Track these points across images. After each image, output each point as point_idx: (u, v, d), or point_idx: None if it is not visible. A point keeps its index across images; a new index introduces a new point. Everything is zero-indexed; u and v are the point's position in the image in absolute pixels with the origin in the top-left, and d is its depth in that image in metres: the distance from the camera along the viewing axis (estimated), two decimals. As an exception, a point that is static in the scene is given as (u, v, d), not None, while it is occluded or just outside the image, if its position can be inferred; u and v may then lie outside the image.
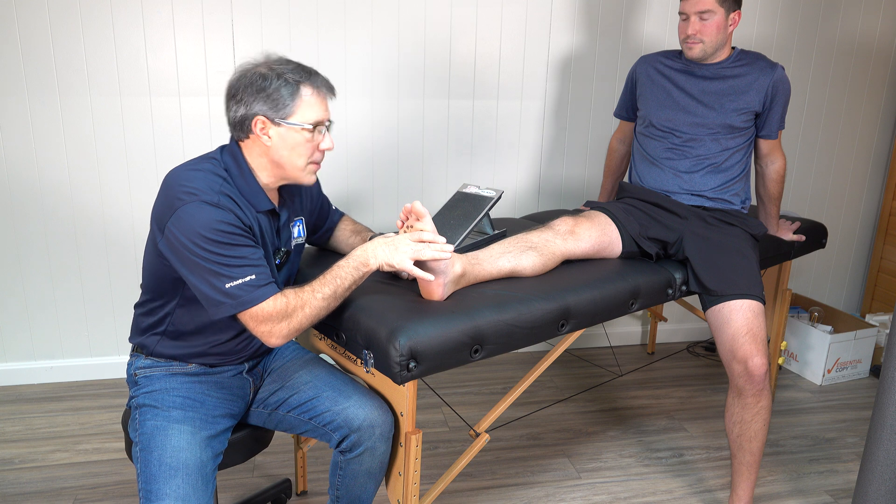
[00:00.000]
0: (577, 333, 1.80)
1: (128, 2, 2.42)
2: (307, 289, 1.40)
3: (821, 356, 2.86)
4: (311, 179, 1.48)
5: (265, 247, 1.46)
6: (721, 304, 1.85)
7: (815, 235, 2.46)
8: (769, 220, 2.23)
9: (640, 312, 3.19)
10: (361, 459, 1.49)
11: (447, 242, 1.70)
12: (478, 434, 1.68)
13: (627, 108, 2.28)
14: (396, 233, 1.55)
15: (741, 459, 1.92)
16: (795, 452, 2.37)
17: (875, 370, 2.99)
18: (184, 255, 1.32)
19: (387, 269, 1.46)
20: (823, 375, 2.87)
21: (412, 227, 1.50)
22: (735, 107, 2.01)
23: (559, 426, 2.49)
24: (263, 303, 1.34)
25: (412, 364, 1.38)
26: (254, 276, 1.34)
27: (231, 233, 1.32)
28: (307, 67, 1.42)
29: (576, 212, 2.30)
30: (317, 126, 1.42)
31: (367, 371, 1.47)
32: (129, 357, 1.55)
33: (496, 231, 1.87)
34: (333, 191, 2.74)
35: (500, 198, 2.11)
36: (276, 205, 1.50)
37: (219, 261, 1.31)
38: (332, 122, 1.49)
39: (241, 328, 1.49)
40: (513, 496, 2.09)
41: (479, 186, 1.88)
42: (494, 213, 2.90)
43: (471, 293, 1.58)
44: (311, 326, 1.45)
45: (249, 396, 1.59)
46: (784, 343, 2.58)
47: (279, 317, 1.36)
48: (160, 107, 2.53)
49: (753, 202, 2.88)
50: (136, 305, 1.52)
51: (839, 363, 2.88)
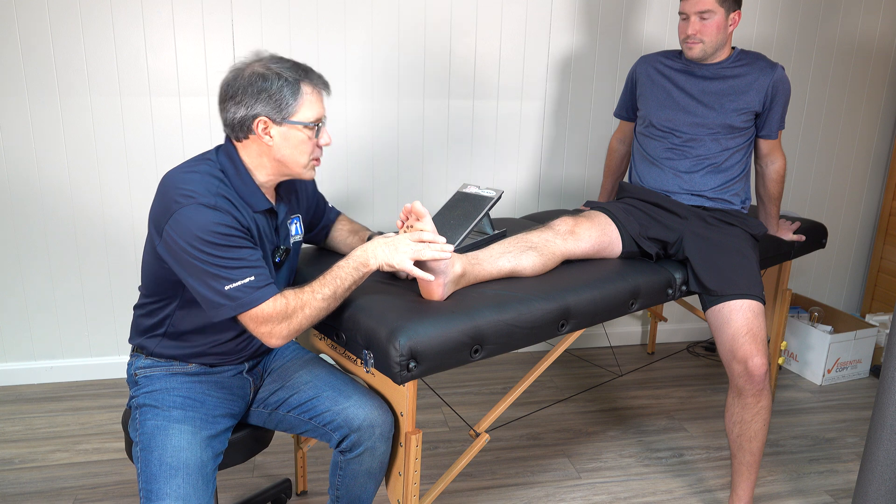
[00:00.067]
0: (577, 333, 1.80)
1: (128, 2, 2.42)
2: (307, 289, 1.40)
3: (821, 356, 2.86)
4: (312, 175, 1.48)
5: (263, 247, 1.46)
6: (721, 304, 1.85)
7: (815, 235, 2.46)
8: (769, 220, 2.23)
9: (640, 312, 3.19)
10: (361, 459, 1.50)
11: (447, 242, 1.70)
12: (478, 434, 1.68)
13: (627, 108, 2.28)
14: (396, 233, 1.55)
15: (741, 459, 1.92)
16: (795, 452, 2.37)
17: (875, 370, 2.99)
18: (182, 258, 1.32)
19: (387, 270, 1.46)
20: (823, 375, 2.87)
21: (412, 227, 1.50)
22: (735, 107, 2.01)
23: (559, 426, 2.49)
24: (263, 304, 1.34)
25: (412, 364, 1.38)
26: (253, 278, 1.34)
27: (229, 234, 1.32)
28: (301, 64, 1.42)
29: (576, 212, 2.30)
30: (316, 123, 1.43)
31: (367, 371, 1.47)
32: (130, 357, 1.55)
33: (496, 231, 1.87)
34: (333, 190, 2.74)
35: (500, 198, 2.11)
36: (273, 203, 1.50)
37: (217, 263, 1.31)
38: (326, 118, 1.50)
39: (242, 328, 1.50)
40: (513, 496, 2.09)
41: (479, 186, 1.88)
42: (494, 213, 2.90)
43: (471, 293, 1.58)
44: (311, 326, 1.45)
45: (250, 396, 1.59)
46: (784, 343, 2.58)
47: (279, 318, 1.36)
48: (160, 107, 2.54)
49: (753, 202, 2.87)
50: (136, 307, 1.52)
51: (839, 363, 2.88)
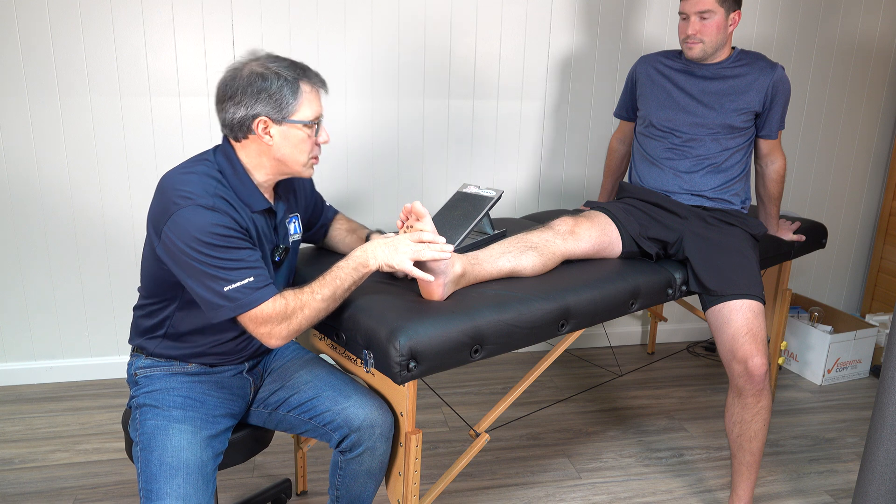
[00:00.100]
0: (577, 333, 1.80)
1: (128, 2, 2.42)
2: (306, 290, 1.40)
3: (821, 356, 2.86)
4: (311, 173, 1.49)
5: (262, 247, 1.46)
6: (721, 304, 1.85)
7: (815, 235, 2.46)
8: (769, 220, 2.23)
9: (640, 312, 3.19)
10: (361, 459, 1.50)
11: (447, 242, 1.70)
12: (478, 434, 1.68)
13: (627, 108, 2.28)
14: (396, 233, 1.55)
15: (741, 459, 1.92)
16: (795, 452, 2.37)
17: (875, 370, 2.99)
18: (181, 260, 1.32)
19: (386, 270, 1.46)
20: (823, 375, 2.87)
21: (412, 228, 1.50)
22: (735, 107, 2.01)
23: (559, 426, 2.49)
24: (262, 305, 1.34)
25: (412, 364, 1.38)
26: (252, 279, 1.34)
27: (228, 236, 1.32)
28: (298, 63, 1.42)
29: (576, 212, 2.30)
30: (315, 121, 1.43)
31: (367, 371, 1.47)
32: (130, 357, 1.55)
33: (496, 231, 1.87)
34: (333, 190, 2.74)
35: (500, 198, 2.11)
36: (272, 203, 1.50)
37: (216, 264, 1.31)
38: (323, 116, 1.50)
39: (242, 329, 1.50)
40: (513, 496, 2.09)
41: (479, 186, 1.88)
42: (494, 213, 2.90)
43: (471, 293, 1.58)
44: (311, 327, 1.45)
45: (250, 396, 1.59)
46: (784, 343, 2.58)
47: (278, 318, 1.36)
48: (160, 107, 2.54)
49: (753, 202, 2.87)
50: (135, 308, 1.52)
51: (839, 363, 2.88)
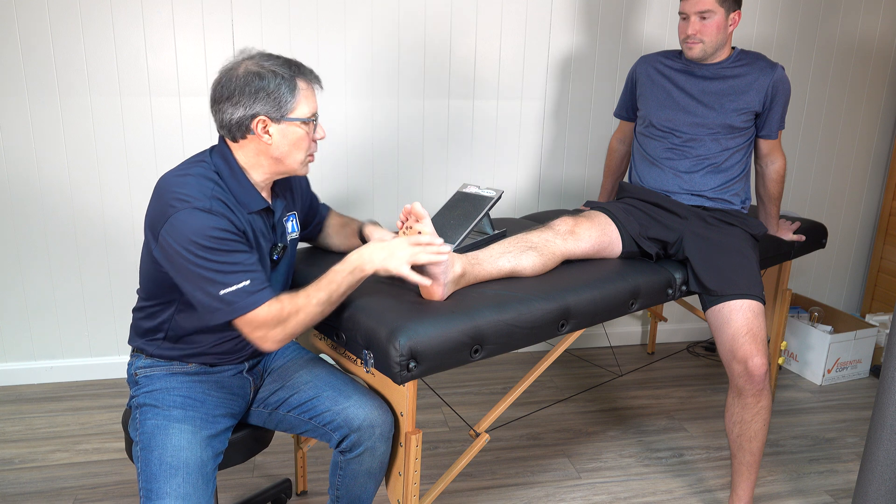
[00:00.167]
0: (577, 333, 1.80)
1: (128, 2, 2.42)
2: (302, 294, 1.39)
3: (821, 356, 2.86)
4: (307, 171, 1.49)
5: (259, 248, 1.46)
6: (721, 304, 1.85)
7: (815, 235, 2.46)
8: (769, 220, 2.23)
9: (640, 312, 3.19)
10: (361, 459, 1.50)
11: (447, 242, 1.70)
12: (478, 434, 1.68)
13: (627, 108, 2.28)
14: (396, 233, 1.55)
15: (741, 459, 1.92)
16: (795, 452, 2.37)
17: (875, 370, 2.99)
18: (178, 263, 1.32)
19: (383, 274, 1.45)
20: (823, 375, 2.87)
21: (411, 228, 1.50)
22: (735, 107, 2.01)
23: (559, 426, 2.49)
24: (258, 309, 1.34)
25: (412, 364, 1.38)
26: (248, 282, 1.33)
27: (225, 238, 1.32)
28: (292, 60, 1.42)
29: (576, 212, 2.30)
30: (312, 118, 1.43)
31: (367, 371, 1.47)
32: (130, 357, 1.55)
33: (496, 231, 1.87)
34: (333, 190, 2.74)
35: (500, 198, 2.11)
36: (270, 202, 1.50)
37: (213, 267, 1.31)
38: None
39: (242, 329, 1.50)
40: (513, 496, 2.09)
41: (479, 186, 1.88)
42: (494, 213, 2.90)
43: (471, 293, 1.58)
44: (307, 330, 1.45)
45: (250, 396, 1.59)
46: (784, 343, 2.58)
47: (273, 322, 1.36)
48: (160, 107, 2.54)
49: (753, 202, 2.87)
50: (135, 310, 1.52)
51: (839, 363, 2.88)
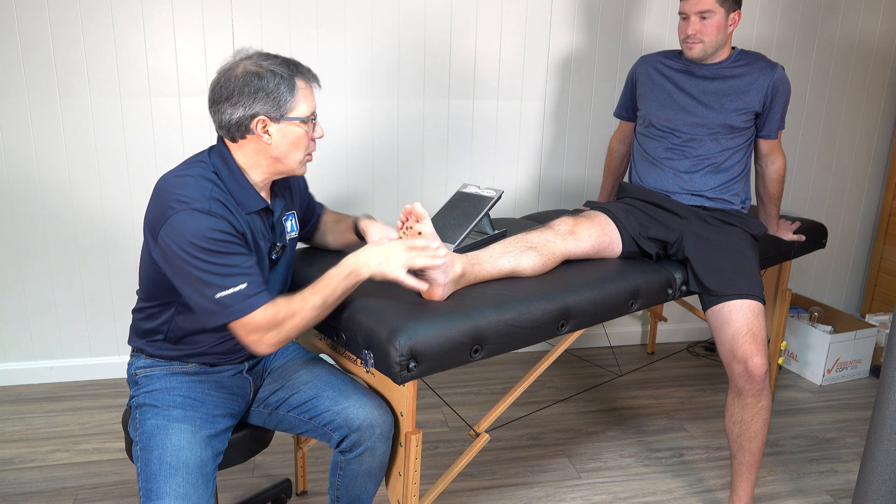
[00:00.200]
0: (577, 333, 1.80)
1: (128, 2, 2.42)
2: (297, 298, 1.39)
3: (821, 356, 2.86)
4: (305, 170, 1.49)
5: (258, 248, 1.46)
6: (721, 304, 1.85)
7: (815, 235, 2.46)
8: (769, 220, 2.23)
9: (640, 312, 3.19)
10: (361, 459, 1.50)
11: (447, 242, 1.70)
12: (478, 434, 1.68)
13: (627, 108, 2.28)
14: (400, 235, 1.55)
15: (741, 459, 1.92)
16: (795, 452, 2.37)
17: (875, 370, 2.99)
18: (176, 264, 1.32)
19: (378, 279, 1.45)
20: (823, 375, 2.87)
21: (412, 229, 1.50)
22: (735, 107, 2.01)
23: (559, 426, 2.49)
24: (253, 312, 1.34)
25: (412, 364, 1.38)
26: (245, 286, 1.33)
27: (223, 241, 1.32)
28: (290, 59, 1.42)
29: (576, 212, 2.30)
30: (311, 117, 1.43)
31: (367, 371, 1.47)
32: (130, 357, 1.55)
33: (496, 231, 1.87)
34: (333, 190, 2.74)
35: (500, 198, 2.11)
36: (269, 202, 1.50)
37: (210, 269, 1.31)
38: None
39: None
40: (513, 496, 2.09)
41: (479, 186, 1.88)
42: (494, 213, 2.90)
43: (471, 293, 1.58)
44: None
45: (249, 396, 1.59)
46: (784, 343, 2.58)
47: (268, 326, 1.36)
48: (160, 107, 2.54)
49: (753, 202, 2.87)
50: (135, 311, 1.52)
51: (839, 363, 2.88)
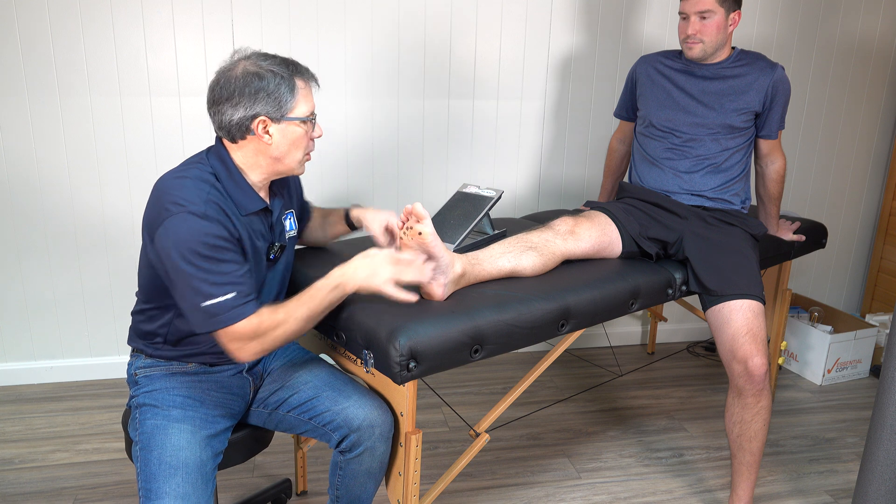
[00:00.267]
0: (577, 333, 1.80)
1: (128, 2, 2.42)
2: (282, 309, 1.38)
3: (821, 356, 2.86)
4: (304, 170, 1.49)
5: (256, 248, 1.45)
6: (721, 304, 1.85)
7: (815, 235, 2.46)
8: (769, 220, 2.23)
9: (640, 312, 3.19)
10: (361, 459, 1.50)
11: (447, 242, 1.70)
12: (478, 434, 1.68)
13: (627, 108, 2.28)
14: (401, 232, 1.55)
15: (741, 459, 1.92)
16: (795, 452, 2.37)
17: (875, 370, 2.99)
18: (168, 267, 1.33)
19: (365, 293, 1.45)
20: (823, 375, 2.87)
21: (412, 229, 1.50)
22: (735, 107, 2.01)
23: (559, 426, 2.49)
24: (238, 323, 1.34)
25: (412, 364, 1.38)
26: (233, 295, 1.33)
27: (216, 246, 1.32)
28: (288, 59, 1.42)
29: (576, 212, 2.30)
30: (311, 117, 1.43)
31: (367, 371, 1.47)
32: (130, 357, 1.55)
33: (496, 231, 1.87)
34: (333, 190, 2.74)
35: (500, 198, 2.11)
36: (268, 202, 1.50)
37: (200, 277, 1.31)
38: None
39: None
40: (513, 496, 2.09)
41: (479, 186, 1.88)
42: (494, 213, 2.90)
43: (471, 293, 1.58)
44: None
45: (249, 396, 1.59)
46: (784, 343, 2.58)
47: (250, 336, 1.35)
48: (160, 107, 2.53)
49: (753, 202, 2.87)
50: (134, 313, 1.52)
51: (839, 363, 2.88)
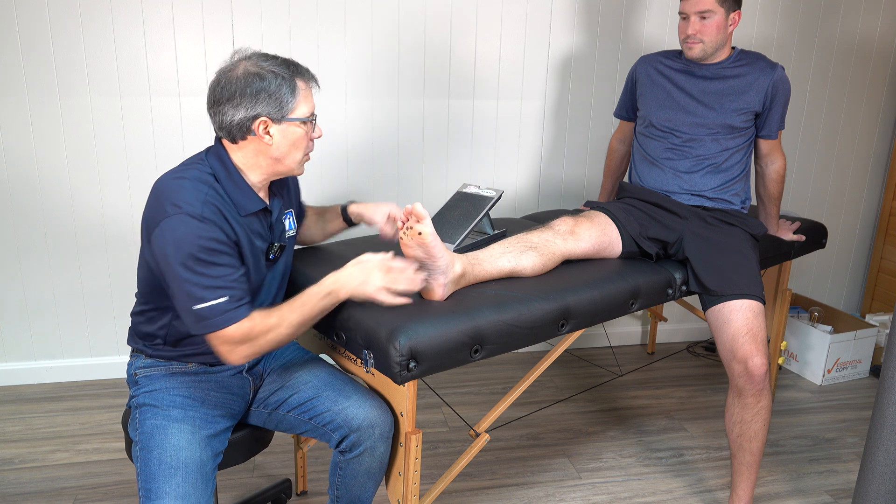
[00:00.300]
0: (577, 333, 1.80)
1: (128, 2, 2.42)
2: (275, 314, 1.38)
3: (821, 356, 2.86)
4: (303, 170, 1.49)
5: (254, 248, 1.45)
6: (721, 304, 1.85)
7: (815, 235, 2.46)
8: (769, 220, 2.23)
9: (640, 312, 3.19)
10: (361, 459, 1.50)
11: (447, 242, 1.70)
12: (478, 434, 1.68)
13: (627, 108, 2.28)
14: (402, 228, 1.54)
15: (741, 459, 1.92)
16: (795, 452, 2.37)
17: (875, 370, 2.99)
18: (164, 268, 1.33)
19: (358, 300, 1.46)
20: (823, 375, 2.87)
21: (412, 229, 1.50)
22: (735, 107, 2.01)
23: (559, 426, 2.49)
24: (229, 327, 1.34)
25: (412, 364, 1.38)
26: (226, 298, 1.33)
27: (212, 249, 1.32)
28: (289, 60, 1.42)
29: (576, 212, 2.30)
30: (311, 117, 1.43)
31: (367, 371, 1.47)
32: (129, 357, 1.55)
33: (496, 231, 1.87)
34: (333, 190, 2.74)
35: (500, 198, 2.11)
36: (267, 202, 1.50)
37: (193, 280, 1.31)
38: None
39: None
40: (513, 496, 2.09)
41: (479, 186, 1.88)
42: (494, 213, 2.90)
43: (471, 293, 1.58)
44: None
45: (249, 396, 1.59)
46: (784, 343, 2.58)
47: (241, 340, 1.36)
48: (160, 107, 2.53)
49: (753, 202, 2.87)
50: (133, 314, 1.52)
51: (839, 363, 2.88)
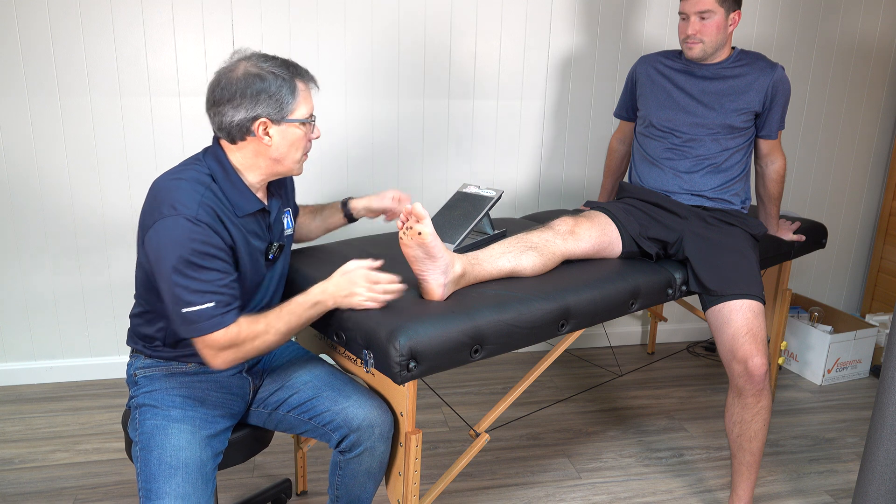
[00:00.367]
0: (577, 333, 1.80)
1: (128, 2, 2.42)
2: (262, 321, 1.39)
3: (821, 356, 2.86)
4: (302, 171, 1.49)
5: (252, 248, 1.45)
6: (721, 304, 1.85)
7: (815, 235, 2.46)
8: (769, 220, 2.23)
9: (640, 312, 3.19)
10: (361, 459, 1.50)
11: (447, 242, 1.70)
12: (478, 434, 1.68)
13: (627, 108, 2.28)
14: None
15: (741, 459, 1.92)
16: (795, 452, 2.37)
17: (875, 370, 2.99)
18: (155, 269, 1.33)
19: (344, 309, 1.47)
20: (823, 375, 2.87)
21: (412, 229, 1.50)
22: (735, 107, 2.01)
23: (559, 426, 2.49)
24: (215, 332, 1.34)
25: (412, 364, 1.38)
26: (213, 304, 1.33)
27: (204, 253, 1.32)
28: (288, 60, 1.42)
29: (576, 212, 2.30)
30: (310, 118, 1.44)
31: (367, 371, 1.47)
32: (129, 357, 1.55)
33: (496, 231, 1.87)
34: (333, 190, 2.74)
35: (500, 198, 2.11)
36: (266, 203, 1.50)
37: (183, 284, 1.31)
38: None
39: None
40: (513, 496, 2.09)
41: (479, 186, 1.88)
42: (494, 213, 2.90)
43: (471, 293, 1.58)
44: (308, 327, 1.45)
45: (249, 396, 1.59)
46: (784, 343, 2.58)
47: (226, 345, 1.36)
48: (160, 107, 2.54)
49: (753, 202, 2.88)
50: (132, 316, 1.52)
51: (839, 363, 2.88)
